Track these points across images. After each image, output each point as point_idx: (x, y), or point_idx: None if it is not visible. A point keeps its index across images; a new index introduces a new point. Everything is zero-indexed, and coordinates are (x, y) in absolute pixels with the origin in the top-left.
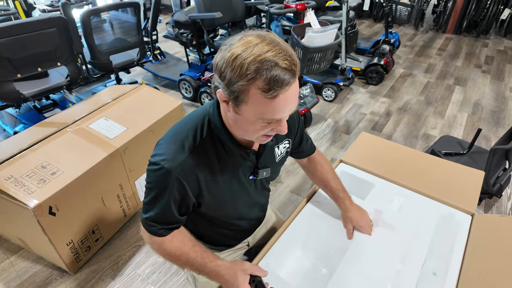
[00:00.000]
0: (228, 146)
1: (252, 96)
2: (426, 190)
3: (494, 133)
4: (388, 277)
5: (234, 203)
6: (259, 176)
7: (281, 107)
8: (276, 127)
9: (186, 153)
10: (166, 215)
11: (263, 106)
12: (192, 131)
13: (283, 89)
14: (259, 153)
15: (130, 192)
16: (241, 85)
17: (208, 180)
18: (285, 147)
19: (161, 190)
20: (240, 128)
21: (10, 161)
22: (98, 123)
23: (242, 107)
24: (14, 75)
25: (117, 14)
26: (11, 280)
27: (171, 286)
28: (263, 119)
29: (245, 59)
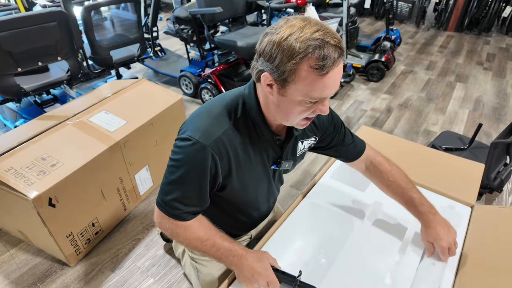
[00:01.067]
0: (261, 129)
1: (303, 75)
2: (426, 183)
3: (495, 129)
4: (388, 267)
5: (255, 189)
6: (282, 166)
7: (331, 84)
8: (319, 106)
9: (221, 130)
10: (196, 194)
11: (313, 84)
12: (226, 109)
13: (333, 66)
14: (285, 143)
15: (130, 185)
16: (293, 63)
17: (239, 161)
18: (309, 143)
19: (194, 167)
20: (282, 111)
21: (10, 153)
22: (98, 117)
23: (290, 88)
24: (15, 68)
25: (118, 12)
26: (11, 273)
27: (170, 279)
28: (310, 98)
29: (296, 39)
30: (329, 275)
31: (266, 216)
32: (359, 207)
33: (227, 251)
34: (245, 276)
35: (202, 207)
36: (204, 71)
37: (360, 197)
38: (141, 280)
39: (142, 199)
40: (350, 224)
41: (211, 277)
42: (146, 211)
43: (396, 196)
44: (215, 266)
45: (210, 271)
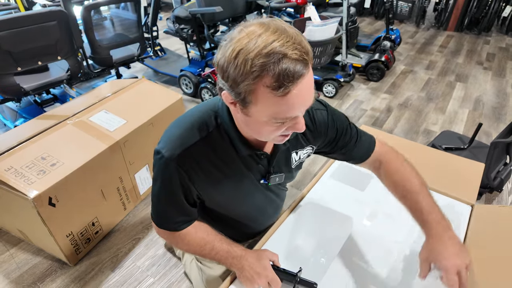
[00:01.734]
0: (237, 145)
1: (261, 96)
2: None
3: (495, 129)
4: (388, 266)
5: (244, 204)
6: (271, 181)
7: (295, 104)
8: (292, 125)
9: (190, 143)
10: (175, 207)
11: (274, 106)
12: (198, 122)
13: (295, 83)
14: (272, 157)
15: (130, 185)
16: (247, 84)
17: (214, 175)
18: (305, 153)
19: (164, 182)
20: (252, 130)
21: (10, 152)
22: (98, 116)
23: (251, 108)
24: (15, 68)
25: (118, 11)
26: (11, 272)
27: (170, 278)
28: (276, 119)
29: (248, 54)
30: (328, 274)
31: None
32: (359, 206)
33: (226, 253)
34: (246, 276)
35: (189, 217)
36: (204, 71)
37: (360, 196)
38: (141, 279)
39: (142, 199)
40: (349, 224)
41: (215, 278)
42: (146, 210)
43: (401, 199)
44: (220, 269)
45: (214, 272)
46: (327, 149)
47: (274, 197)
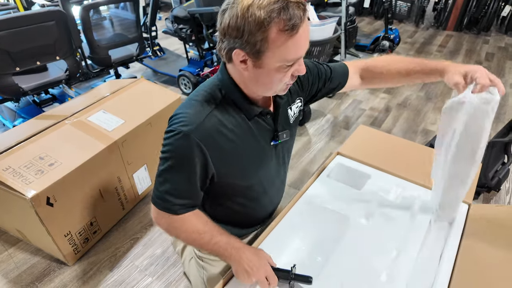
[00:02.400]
0: (245, 108)
1: (274, 40)
2: (423, 181)
3: (494, 128)
4: (384, 264)
5: (257, 171)
6: (280, 138)
7: (302, 43)
8: (296, 68)
9: (203, 117)
10: (185, 186)
11: (287, 46)
12: (204, 98)
13: (301, 23)
14: (276, 114)
15: (128, 185)
16: (263, 31)
17: (229, 144)
18: (298, 107)
19: (180, 158)
20: (263, 84)
21: (8, 152)
22: (97, 116)
23: (264, 57)
24: (13, 68)
25: (117, 11)
26: (10, 272)
27: (169, 278)
28: (287, 61)
29: (258, 7)
30: (324, 273)
31: (275, 207)
32: (356, 205)
33: (225, 244)
34: (244, 269)
35: (194, 201)
36: (203, 71)
37: (356, 195)
38: (139, 279)
39: (141, 198)
40: (346, 223)
41: (215, 277)
42: (145, 210)
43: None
44: (222, 268)
45: (216, 271)
46: (313, 93)
47: (281, 165)
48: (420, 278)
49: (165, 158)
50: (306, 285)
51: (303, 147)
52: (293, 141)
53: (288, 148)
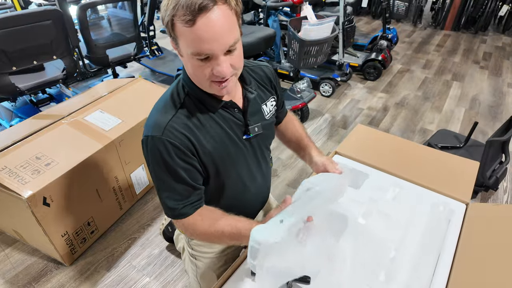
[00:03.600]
0: (205, 100)
1: (178, 29)
2: (421, 180)
3: (491, 128)
4: (383, 264)
5: (235, 166)
6: (251, 132)
7: (205, 36)
8: (214, 67)
9: (169, 118)
10: (178, 185)
11: (187, 38)
12: (170, 98)
13: (200, 14)
14: (245, 109)
15: (125, 184)
16: (169, 19)
17: (199, 138)
18: (272, 105)
19: (161, 161)
20: (191, 75)
21: (4, 152)
22: (94, 116)
23: (179, 45)
24: (10, 67)
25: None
26: (6, 272)
27: (166, 278)
28: (192, 54)
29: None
30: (322, 273)
31: (263, 200)
32: (354, 205)
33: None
34: None
35: (196, 197)
36: None
37: (354, 195)
38: (137, 279)
39: (138, 198)
40: (344, 222)
41: (209, 274)
42: (142, 210)
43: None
44: (215, 265)
45: (209, 268)
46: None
47: (260, 160)
48: (419, 278)
49: (151, 168)
50: (304, 285)
51: None
52: (272, 137)
53: (266, 143)
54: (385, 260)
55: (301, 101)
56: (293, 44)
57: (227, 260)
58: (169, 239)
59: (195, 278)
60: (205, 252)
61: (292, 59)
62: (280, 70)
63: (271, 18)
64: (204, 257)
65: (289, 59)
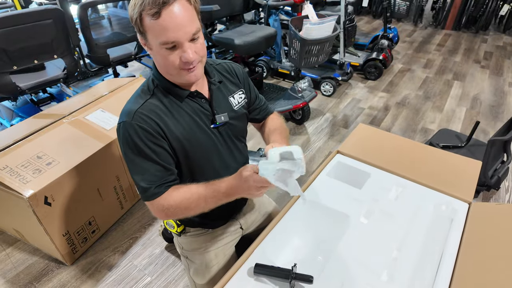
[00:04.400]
0: (172, 90)
1: (146, 24)
2: (423, 180)
3: (493, 127)
4: (385, 264)
5: (204, 153)
6: (217, 120)
7: (170, 26)
8: (182, 54)
9: (138, 105)
10: (151, 166)
11: (155, 29)
12: (141, 90)
13: (164, 7)
14: (210, 100)
15: (127, 184)
16: (137, 16)
17: (168, 123)
18: (241, 98)
19: (132, 144)
20: (160, 66)
21: (5, 151)
22: (95, 115)
23: (148, 39)
24: (10, 67)
25: (116, 10)
26: (7, 272)
27: (168, 277)
28: (161, 43)
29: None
30: (325, 272)
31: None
32: (356, 204)
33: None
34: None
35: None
36: None
37: (356, 194)
38: (138, 278)
39: (139, 198)
40: (346, 222)
41: (201, 271)
42: (143, 209)
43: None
44: (205, 260)
45: (200, 264)
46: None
47: (233, 150)
48: (421, 278)
49: (124, 152)
50: (307, 284)
51: (302, 146)
52: (243, 126)
53: (235, 132)
54: (387, 260)
55: (302, 100)
56: (294, 43)
57: (218, 254)
58: (169, 240)
59: (189, 276)
60: (194, 248)
61: (294, 58)
62: (281, 70)
63: (272, 17)
64: (195, 254)
65: (290, 58)
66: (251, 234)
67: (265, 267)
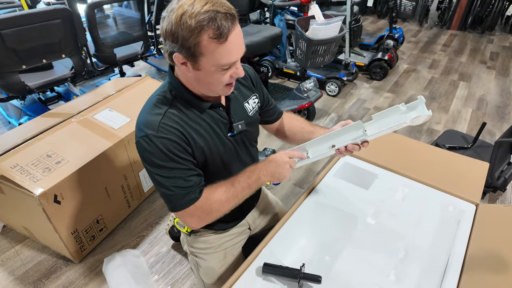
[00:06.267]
0: (196, 104)
1: (206, 46)
2: (430, 181)
3: (499, 128)
4: (392, 264)
5: (223, 160)
6: (235, 129)
7: (233, 49)
8: (234, 71)
9: (159, 116)
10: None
11: (217, 53)
12: (157, 101)
13: (230, 32)
14: (228, 108)
15: (134, 183)
16: (194, 38)
17: (191, 133)
18: (255, 102)
19: (161, 157)
20: (204, 84)
21: (15, 150)
22: (103, 114)
23: (200, 61)
24: (20, 66)
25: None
26: (16, 269)
27: (175, 276)
28: (221, 66)
29: (190, 15)
30: (333, 272)
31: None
32: (363, 205)
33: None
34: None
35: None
36: None
37: (363, 195)
38: None
39: (146, 197)
40: (353, 222)
41: (211, 271)
42: (150, 208)
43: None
44: (215, 260)
45: (210, 264)
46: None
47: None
48: (429, 278)
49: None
50: (315, 284)
51: None
52: (256, 131)
53: (250, 138)
54: (394, 260)
55: (307, 100)
56: (300, 44)
57: (227, 254)
58: (175, 238)
59: (198, 275)
60: (203, 248)
61: (300, 58)
62: (286, 70)
63: (278, 17)
64: (204, 253)
65: (296, 58)
66: (257, 234)
67: (273, 266)
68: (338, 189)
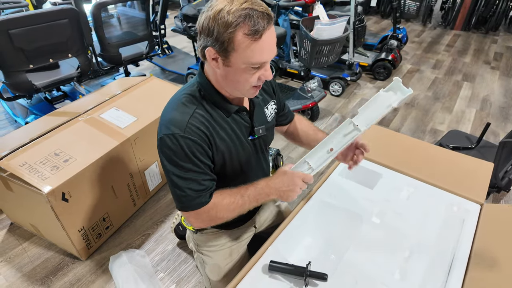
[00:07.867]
0: (222, 106)
1: (240, 42)
2: (435, 181)
3: (503, 129)
4: (397, 264)
5: (241, 164)
6: (256, 133)
7: (266, 48)
8: (262, 72)
9: (187, 116)
10: (200, 176)
11: (250, 50)
12: (186, 100)
13: (264, 30)
14: (251, 112)
15: (139, 181)
16: (229, 32)
17: (214, 137)
18: (273, 108)
19: (183, 156)
20: (231, 82)
21: (24, 148)
22: (109, 113)
23: (232, 56)
24: (27, 65)
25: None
26: (24, 266)
27: (180, 274)
28: (252, 64)
29: (228, 12)
30: (339, 270)
31: None
32: (368, 204)
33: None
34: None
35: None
36: None
37: (369, 194)
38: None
39: (151, 195)
40: (359, 221)
41: (217, 268)
42: (155, 206)
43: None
44: (221, 257)
45: (215, 261)
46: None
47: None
48: (433, 277)
49: (168, 162)
50: (321, 282)
51: None
52: (272, 136)
53: (266, 143)
54: (399, 260)
55: (311, 100)
56: (305, 44)
57: (232, 252)
58: (181, 237)
59: (204, 273)
60: (210, 246)
61: (304, 58)
62: (290, 69)
63: (282, 17)
64: (210, 251)
65: (301, 58)
66: (262, 232)
67: (280, 264)
68: (343, 188)
